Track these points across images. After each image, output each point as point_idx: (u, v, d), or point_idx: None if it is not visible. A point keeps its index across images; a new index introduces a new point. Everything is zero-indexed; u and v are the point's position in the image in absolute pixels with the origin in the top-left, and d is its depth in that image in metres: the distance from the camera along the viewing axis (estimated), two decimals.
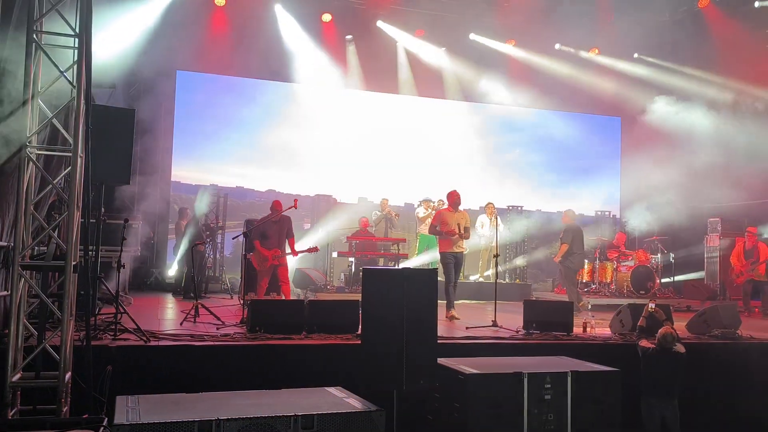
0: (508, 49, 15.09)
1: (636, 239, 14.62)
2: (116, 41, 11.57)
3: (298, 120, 14.40)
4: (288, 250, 9.19)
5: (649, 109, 15.01)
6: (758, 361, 7.30)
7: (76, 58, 4.83)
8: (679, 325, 7.86)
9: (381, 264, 12.07)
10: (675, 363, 6.39)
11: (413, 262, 12.13)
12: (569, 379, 5.47)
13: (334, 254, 12.50)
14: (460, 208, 9.35)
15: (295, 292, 9.73)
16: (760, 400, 7.07)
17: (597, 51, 15.19)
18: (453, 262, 9.06)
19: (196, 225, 11.30)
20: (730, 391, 7.10)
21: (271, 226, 9.19)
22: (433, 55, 14.92)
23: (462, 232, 9.07)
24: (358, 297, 5.46)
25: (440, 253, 9.27)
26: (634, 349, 6.66)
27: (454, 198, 9.27)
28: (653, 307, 7.09)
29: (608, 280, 12.22)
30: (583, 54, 15.30)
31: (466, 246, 10.07)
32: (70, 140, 4.77)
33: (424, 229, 12.20)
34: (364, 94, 14.88)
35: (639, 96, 15.25)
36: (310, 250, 9.83)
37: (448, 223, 9.05)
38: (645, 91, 15.18)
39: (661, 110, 14.73)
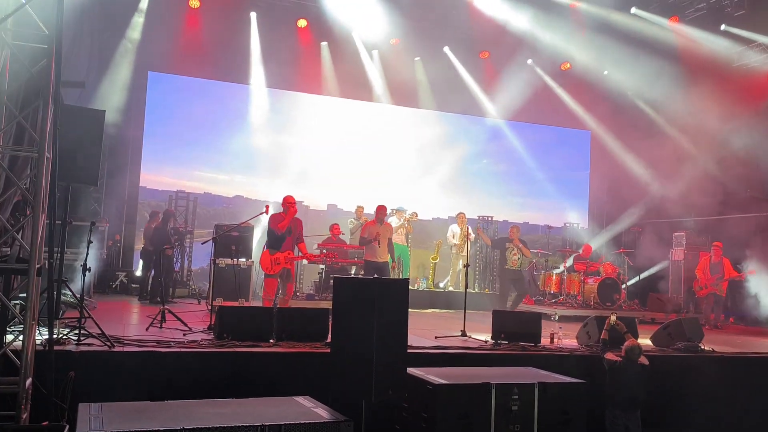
0: (481, 61, 15.26)
1: (603, 251, 14.85)
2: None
3: (269, 125, 14.34)
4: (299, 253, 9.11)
5: (618, 124, 15.34)
6: (719, 374, 7.47)
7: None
8: (644, 337, 8.00)
9: (353, 272, 12.04)
10: (640, 375, 6.50)
11: None
12: (536, 390, 5.52)
13: (304, 261, 12.42)
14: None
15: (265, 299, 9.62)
16: (721, 412, 7.23)
17: (569, 66, 15.43)
18: (374, 271, 9.76)
19: (165, 228, 11.15)
20: (692, 403, 7.24)
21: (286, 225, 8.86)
22: (408, 64, 15.01)
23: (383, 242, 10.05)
24: (329, 305, 5.44)
25: (365, 260, 10.16)
26: (599, 361, 6.76)
27: (382, 212, 10.21)
28: (615, 319, 7.24)
29: (575, 292, 12.37)
30: (555, 68, 15.55)
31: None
32: (37, 140, 4.67)
33: (397, 238, 12.29)
34: (337, 101, 14.88)
35: (609, 111, 15.57)
36: (325, 255, 10.33)
37: (374, 234, 9.95)
38: (615, 107, 15.51)
39: (631, 125, 15.07)
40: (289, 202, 8.97)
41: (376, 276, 9.24)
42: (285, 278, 8.92)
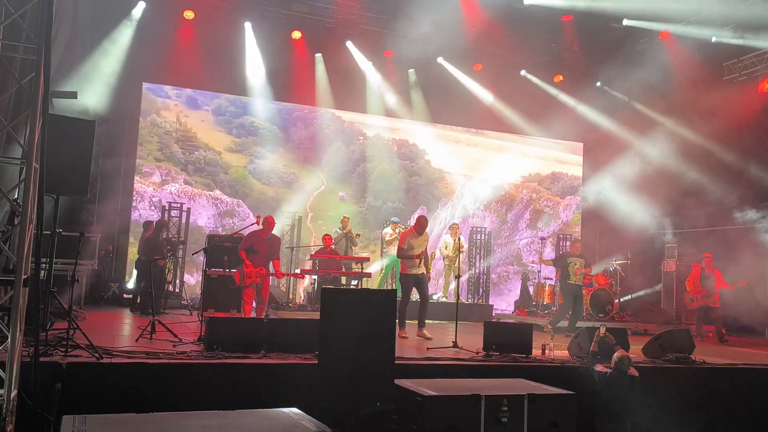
0: (474, 73, 15.33)
1: (595, 262, 14.87)
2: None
3: (263, 136, 14.36)
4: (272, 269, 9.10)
5: (610, 136, 15.42)
6: (710, 386, 7.46)
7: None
8: (635, 348, 8.00)
9: (344, 282, 12.03)
10: (630, 386, 6.49)
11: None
12: (526, 402, 5.50)
13: (297, 272, 12.42)
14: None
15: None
16: (712, 423, 7.21)
17: (561, 78, 15.52)
18: (413, 283, 9.33)
19: (157, 239, 11.12)
20: (682, 415, 7.22)
21: (260, 242, 8.96)
22: (401, 75, 15.07)
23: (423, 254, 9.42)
24: None
25: (402, 273, 9.48)
26: (590, 373, 6.75)
27: (422, 223, 9.44)
28: (604, 331, 7.22)
29: None
30: (548, 80, 15.64)
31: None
32: (26, 150, 4.66)
33: (392, 250, 12.26)
34: (331, 112, 14.92)
35: (601, 123, 15.64)
36: (297, 275, 10.24)
37: (414, 247, 9.29)
38: (607, 118, 15.59)
39: (620, 138, 15.15)
40: (268, 222, 9.13)
41: (418, 287, 9.27)
42: (258, 289, 9.00)
